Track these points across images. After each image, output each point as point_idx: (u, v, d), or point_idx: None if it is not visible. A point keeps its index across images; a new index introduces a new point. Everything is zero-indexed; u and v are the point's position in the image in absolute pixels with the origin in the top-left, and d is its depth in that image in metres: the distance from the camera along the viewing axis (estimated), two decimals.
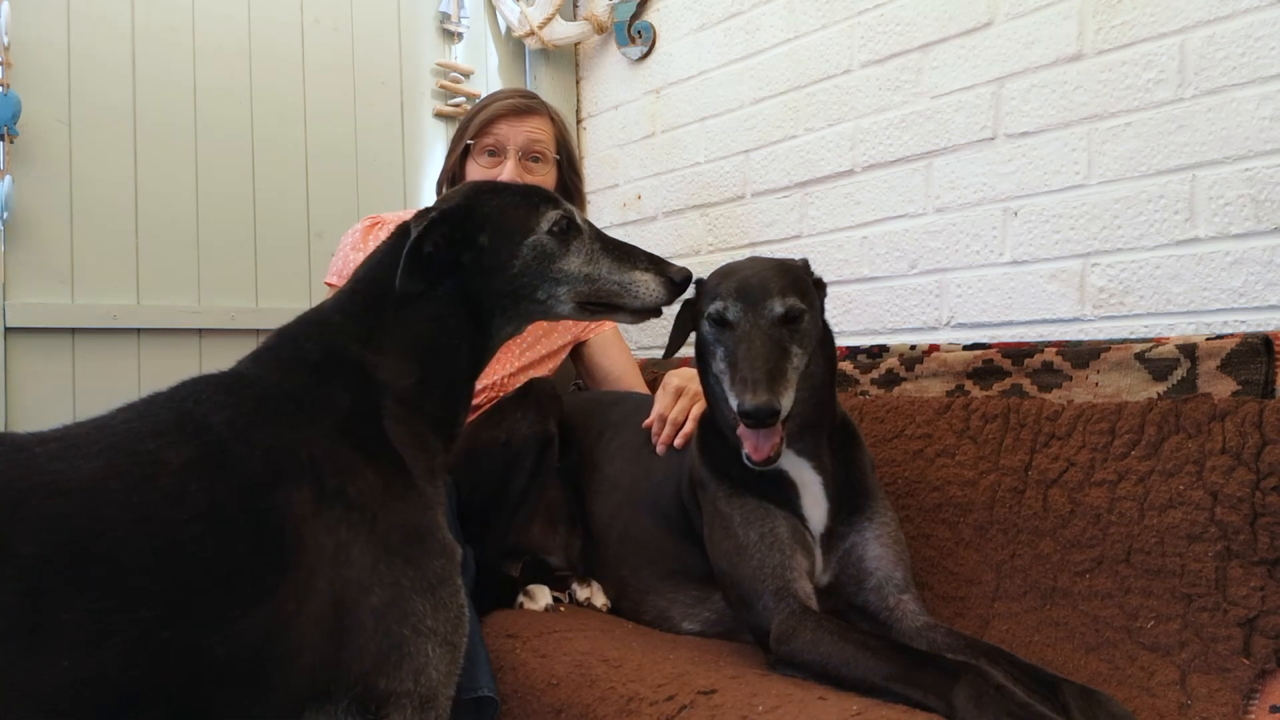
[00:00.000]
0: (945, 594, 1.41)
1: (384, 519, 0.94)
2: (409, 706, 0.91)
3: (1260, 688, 1.09)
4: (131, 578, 0.78)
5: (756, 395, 1.10)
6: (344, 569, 0.89)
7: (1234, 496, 1.17)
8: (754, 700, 1.03)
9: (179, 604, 0.79)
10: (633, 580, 1.51)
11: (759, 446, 1.16)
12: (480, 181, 1.26)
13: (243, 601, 0.82)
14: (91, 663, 0.73)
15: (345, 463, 0.94)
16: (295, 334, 1.06)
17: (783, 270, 1.26)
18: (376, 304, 1.07)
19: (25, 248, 1.91)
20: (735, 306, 1.22)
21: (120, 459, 0.84)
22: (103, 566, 0.77)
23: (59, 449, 0.83)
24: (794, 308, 1.21)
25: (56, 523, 0.77)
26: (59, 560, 0.75)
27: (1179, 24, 1.45)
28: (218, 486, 0.86)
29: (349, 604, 0.89)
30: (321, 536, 0.89)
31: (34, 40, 1.92)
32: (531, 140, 1.84)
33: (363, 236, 1.91)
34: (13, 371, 1.89)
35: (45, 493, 0.78)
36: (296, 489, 0.89)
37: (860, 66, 1.91)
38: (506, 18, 2.59)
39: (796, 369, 1.20)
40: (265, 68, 2.22)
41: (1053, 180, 1.60)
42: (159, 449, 0.86)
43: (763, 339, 1.17)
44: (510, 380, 1.88)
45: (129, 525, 0.79)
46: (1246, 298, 1.39)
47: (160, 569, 0.79)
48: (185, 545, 0.81)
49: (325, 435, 0.95)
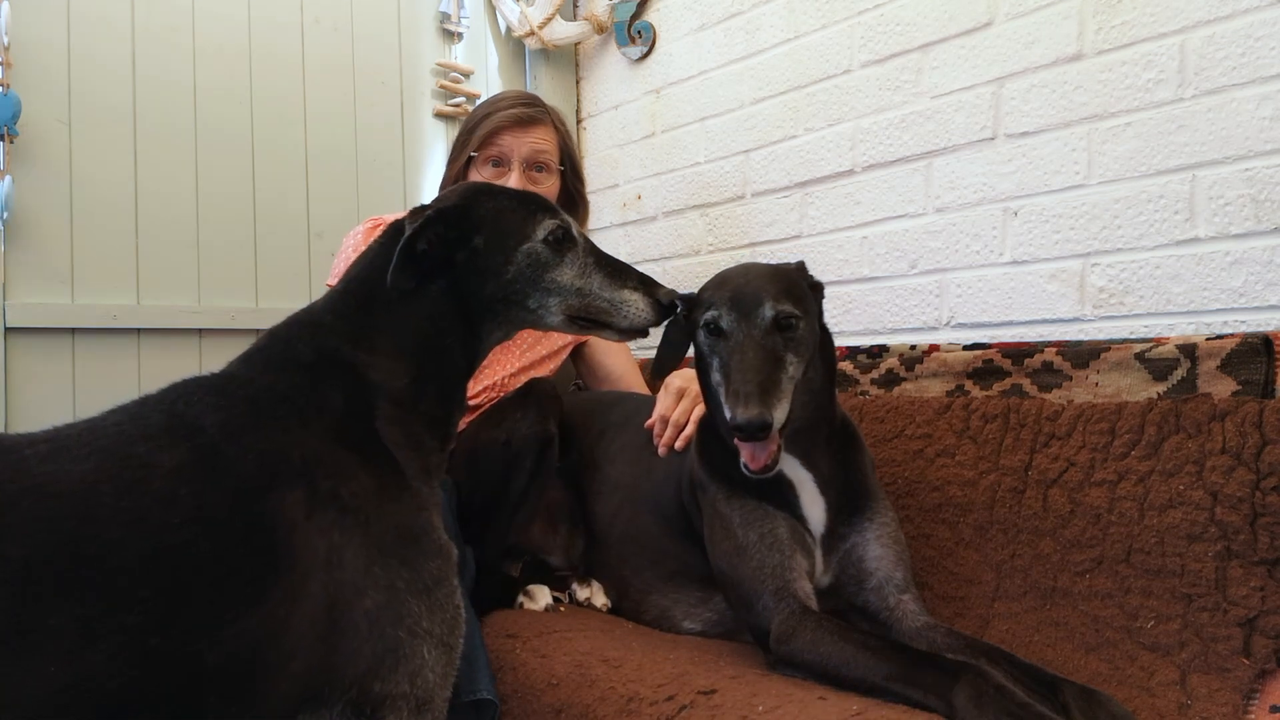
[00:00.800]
0: (945, 594, 1.41)
1: (378, 521, 0.93)
2: (405, 709, 0.90)
3: (1260, 688, 1.09)
4: (121, 582, 0.77)
5: (748, 409, 1.10)
6: (337, 572, 0.88)
7: (1234, 496, 1.17)
8: (754, 700, 1.03)
9: (170, 609, 0.78)
10: (634, 580, 1.51)
11: (755, 456, 1.16)
12: (478, 183, 1.26)
13: (235, 606, 0.81)
14: (80, 668, 0.73)
15: (338, 465, 0.94)
16: (286, 335, 1.05)
17: (776, 277, 1.25)
18: (368, 304, 1.06)
19: (25, 248, 1.91)
20: (729, 315, 1.21)
21: (111, 462, 0.83)
22: (93, 570, 0.76)
23: (49, 451, 0.83)
24: (787, 315, 1.20)
25: (46, 526, 0.76)
26: (48, 564, 0.75)
27: (1179, 24, 1.45)
28: (209, 490, 0.85)
29: (343, 607, 0.88)
30: (314, 539, 0.88)
31: (34, 40, 1.92)
32: (536, 151, 1.83)
33: (364, 238, 1.91)
34: (13, 371, 1.89)
35: (35, 496, 0.78)
36: (289, 492, 0.88)
37: (860, 66, 1.91)
38: (506, 18, 2.59)
39: (792, 378, 1.19)
40: (265, 68, 2.22)
41: (1053, 180, 1.60)
42: (150, 452, 0.85)
43: (755, 349, 1.17)
44: (510, 380, 1.88)
45: (120, 529, 0.79)
46: (1246, 298, 1.39)
47: (151, 573, 0.79)
48: (176, 549, 0.81)
49: (318, 437, 0.95)
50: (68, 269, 1.96)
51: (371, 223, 1.95)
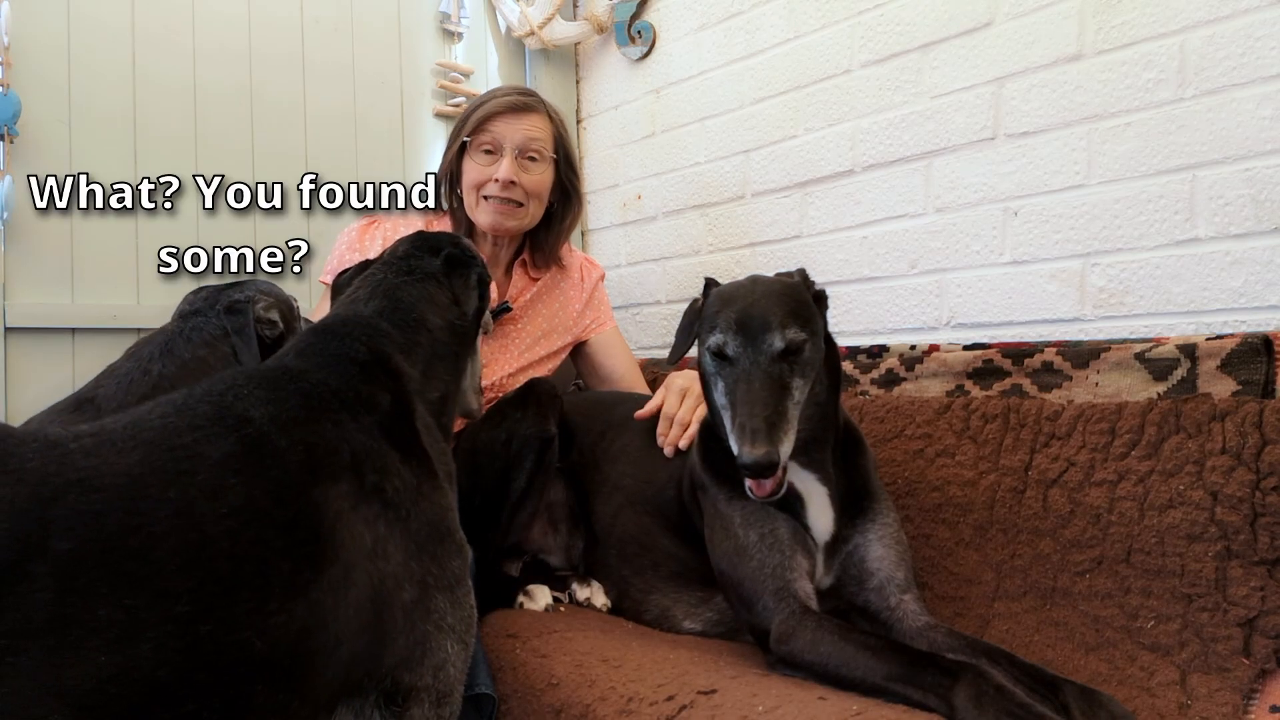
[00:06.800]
0: (945, 594, 1.41)
1: (415, 517, 0.97)
2: (427, 701, 0.93)
3: (1260, 688, 1.09)
4: (169, 572, 0.77)
5: (755, 448, 1.10)
6: (381, 563, 0.91)
7: (1234, 496, 1.17)
8: (754, 700, 1.03)
9: (217, 598, 0.79)
10: (635, 580, 1.51)
11: (762, 485, 1.16)
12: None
13: (282, 595, 0.82)
14: (129, 658, 0.73)
15: (384, 460, 0.97)
16: (340, 332, 1.10)
17: (783, 297, 1.24)
18: (418, 324, 1.17)
19: (25, 248, 1.91)
20: (734, 341, 1.20)
21: (157, 454, 0.83)
22: (140, 562, 0.76)
23: (94, 444, 0.82)
24: (795, 341, 1.19)
25: (93, 519, 0.76)
26: (96, 556, 0.75)
27: (1179, 24, 1.45)
28: (257, 480, 0.86)
29: (385, 598, 0.91)
30: (360, 531, 0.90)
31: (34, 40, 1.92)
32: (529, 138, 1.82)
33: (359, 236, 1.91)
34: (13, 371, 1.89)
35: (81, 489, 0.77)
36: (336, 483, 0.90)
37: (860, 66, 1.91)
38: (506, 18, 2.59)
39: (798, 404, 1.19)
40: (265, 68, 2.22)
41: (1053, 180, 1.60)
42: (197, 442, 0.86)
43: (762, 379, 1.16)
44: (510, 380, 1.88)
45: (166, 520, 0.79)
46: (1246, 298, 1.39)
47: (198, 563, 0.79)
48: (223, 539, 0.81)
49: (366, 432, 0.98)
50: (68, 269, 1.96)
51: (366, 221, 1.95)
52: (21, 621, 0.69)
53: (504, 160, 1.81)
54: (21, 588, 0.70)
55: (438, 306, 1.21)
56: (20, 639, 0.69)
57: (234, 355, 1.50)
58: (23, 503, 0.74)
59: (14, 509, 0.73)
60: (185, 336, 1.49)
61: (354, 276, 1.29)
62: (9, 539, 0.71)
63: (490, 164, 1.82)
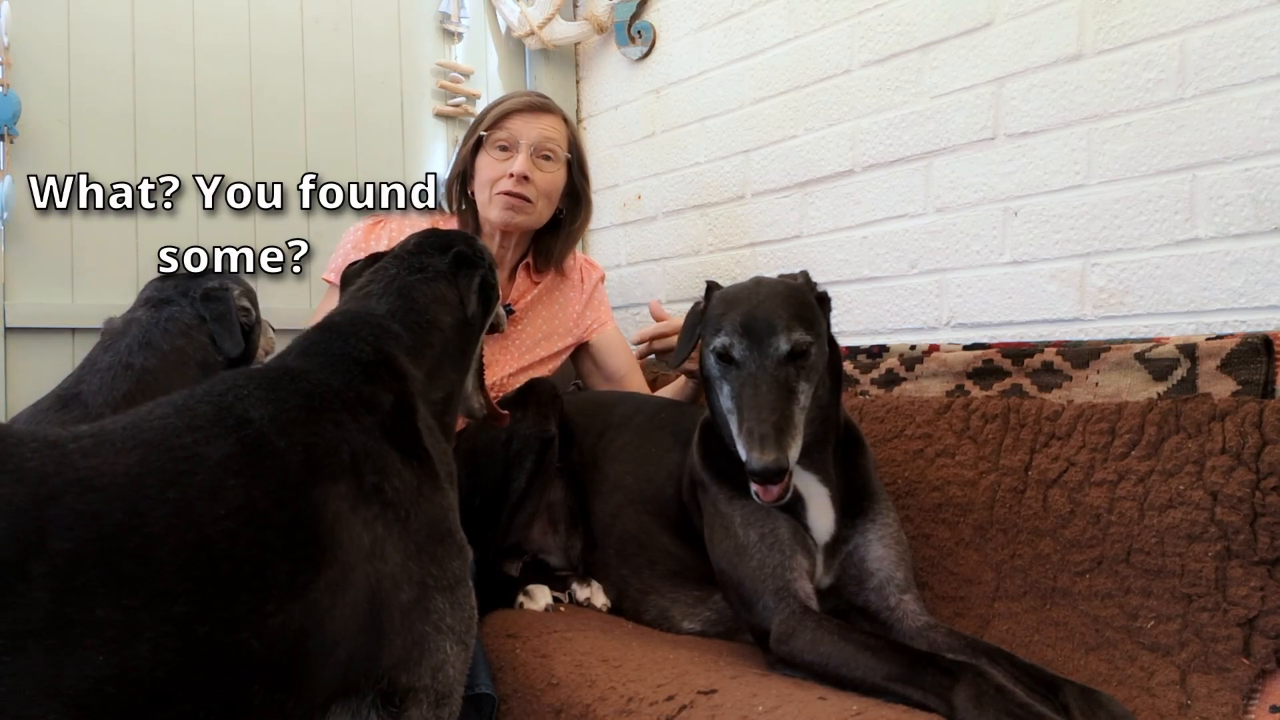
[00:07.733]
0: (945, 594, 1.41)
1: (415, 517, 0.97)
2: (425, 702, 0.93)
3: (1260, 688, 1.09)
4: (167, 573, 0.77)
5: (765, 454, 1.10)
6: (379, 564, 0.91)
7: (1234, 496, 1.17)
8: (754, 700, 1.03)
9: (216, 599, 0.79)
10: (634, 580, 1.51)
11: (769, 489, 1.16)
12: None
13: (280, 595, 0.82)
14: (126, 658, 0.73)
15: (384, 460, 0.97)
16: (346, 331, 1.09)
17: (788, 299, 1.24)
18: (429, 325, 1.17)
19: (25, 248, 1.91)
20: (740, 344, 1.20)
21: (156, 454, 0.83)
22: (137, 563, 0.76)
23: (93, 445, 0.82)
24: (801, 344, 1.19)
25: (91, 519, 0.76)
26: (94, 557, 0.74)
27: (1179, 24, 1.45)
28: (256, 481, 0.86)
29: (382, 599, 0.91)
30: (359, 531, 0.90)
31: (34, 40, 1.92)
32: (544, 137, 1.84)
33: (365, 236, 1.92)
34: (13, 371, 1.89)
35: (79, 489, 0.77)
36: (335, 484, 0.90)
37: (860, 66, 1.91)
38: (506, 18, 2.59)
39: (804, 407, 1.19)
40: (265, 67, 2.22)
41: (1053, 180, 1.60)
42: (196, 443, 0.86)
43: (769, 383, 1.16)
44: (510, 380, 1.88)
45: (165, 520, 0.79)
46: (1246, 298, 1.39)
47: (197, 564, 0.79)
48: (222, 540, 0.81)
49: (367, 432, 0.97)
50: (68, 269, 1.96)
51: (372, 221, 1.95)
52: (19, 621, 0.69)
53: (519, 156, 1.82)
54: (19, 587, 0.70)
55: (448, 306, 1.21)
56: (18, 639, 0.69)
57: (212, 343, 1.50)
58: (21, 502, 0.73)
59: (12, 508, 0.73)
60: (162, 327, 1.47)
61: (364, 268, 1.29)
62: (7, 538, 0.71)
63: (505, 159, 1.84)
